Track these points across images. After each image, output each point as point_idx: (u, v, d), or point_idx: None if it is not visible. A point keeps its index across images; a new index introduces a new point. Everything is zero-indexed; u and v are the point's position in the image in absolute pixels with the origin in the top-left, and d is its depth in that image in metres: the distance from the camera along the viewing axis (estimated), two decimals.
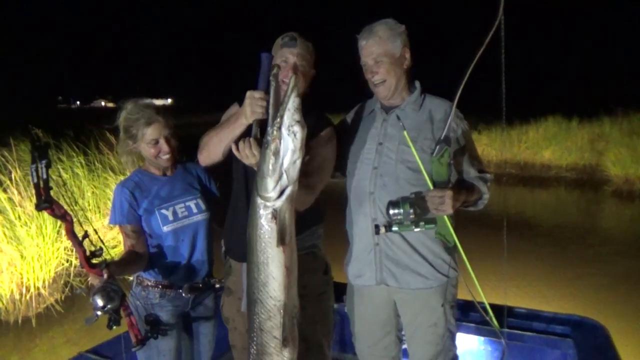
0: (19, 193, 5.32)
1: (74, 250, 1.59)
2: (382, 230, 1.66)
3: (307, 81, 1.79)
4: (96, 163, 6.81)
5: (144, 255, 1.84)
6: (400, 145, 1.76)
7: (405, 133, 1.65)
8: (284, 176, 1.24)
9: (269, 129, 1.28)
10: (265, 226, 1.28)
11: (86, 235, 1.60)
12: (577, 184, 11.12)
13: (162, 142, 1.84)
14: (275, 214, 1.27)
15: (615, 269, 5.46)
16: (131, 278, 1.99)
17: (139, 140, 1.83)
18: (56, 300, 4.79)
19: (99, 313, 1.53)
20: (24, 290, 4.68)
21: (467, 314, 2.46)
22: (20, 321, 4.38)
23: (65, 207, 1.61)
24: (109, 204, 6.35)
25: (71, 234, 1.58)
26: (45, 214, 5.04)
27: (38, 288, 4.77)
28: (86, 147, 7.05)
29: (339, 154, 1.84)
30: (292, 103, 1.24)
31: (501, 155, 12.03)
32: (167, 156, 1.86)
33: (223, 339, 2.00)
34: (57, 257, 5.06)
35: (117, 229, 5.83)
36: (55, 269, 5.05)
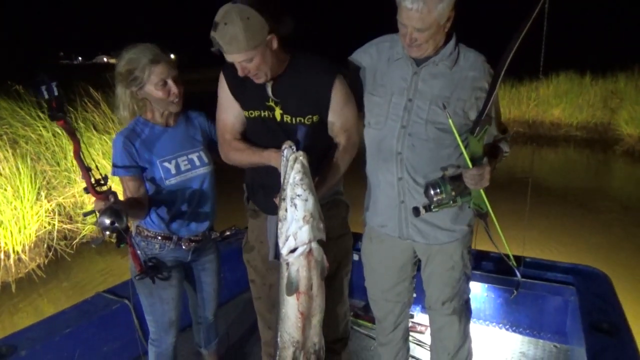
0: None
1: (81, 174, 1.62)
2: (422, 211, 1.68)
3: None
4: (79, 122, 6.56)
5: (145, 205, 1.83)
6: (432, 105, 1.68)
7: (450, 122, 1.58)
8: (291, 239, 1.35)
9: (278, 197, 1.42)
10: (282, 272, 1.41)
11: (89, 169, 1.63)
12: (588, 143, 10.97)
13: (171, 82, 1.74)
14: (287, 266, 1.39)
15: (625, 226, 5.50)
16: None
17: (145, 83, 1.72)
18: (38, 265, 4.70)
19: (107, 233, 1.57)
20: (2, 256, 4.56)
21: (479, 263, 2.63)
22: None
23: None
24: (93, 165, 6.22)
25: (78, 157, 1.61)
26: (22, 175, 4.94)
27: (18, 253, 4.66)
28: (70, 105, 6.79)
29: (359, 94, 1.78)
30: (292, 179, 1.35)
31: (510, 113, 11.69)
32: (177, 99, 1.78)
33: (242, 277, 2.06)
34: (37, 221, 4.94)
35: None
36: (37, 232, 4.92)
